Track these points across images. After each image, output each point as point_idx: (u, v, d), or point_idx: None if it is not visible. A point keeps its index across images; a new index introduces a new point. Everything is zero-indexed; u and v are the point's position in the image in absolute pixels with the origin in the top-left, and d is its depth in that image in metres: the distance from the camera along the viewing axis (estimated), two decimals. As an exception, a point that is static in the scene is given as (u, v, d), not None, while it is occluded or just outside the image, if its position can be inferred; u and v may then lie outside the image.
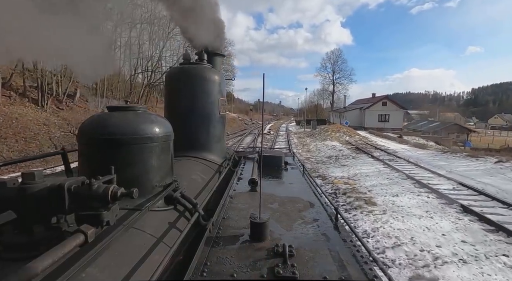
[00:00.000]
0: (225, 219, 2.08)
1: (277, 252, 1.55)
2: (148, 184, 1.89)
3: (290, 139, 26.38)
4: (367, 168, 12.14)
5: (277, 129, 42.76)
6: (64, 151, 2.21)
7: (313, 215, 2.21)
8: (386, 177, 10.40)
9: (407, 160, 13.92)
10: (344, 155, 15.69)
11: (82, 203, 1.21)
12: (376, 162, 13.42)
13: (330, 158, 15.15)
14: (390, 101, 44.67)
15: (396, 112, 43.45)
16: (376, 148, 18.58)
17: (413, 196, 8.02)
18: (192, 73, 3.59)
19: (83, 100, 21.38)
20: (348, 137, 24.88)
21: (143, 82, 28.41)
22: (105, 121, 1.80)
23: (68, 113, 17.84)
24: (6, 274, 0.84)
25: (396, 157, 14.83)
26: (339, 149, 18.08)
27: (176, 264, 1.62)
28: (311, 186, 3.12)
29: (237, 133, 30.40)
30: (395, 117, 43.00)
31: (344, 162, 13.71)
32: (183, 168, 2.91)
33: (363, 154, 15.94)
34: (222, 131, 4.01)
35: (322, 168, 12.83)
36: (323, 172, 11.82)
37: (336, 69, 69.83)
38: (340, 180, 10.17)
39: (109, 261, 1.25)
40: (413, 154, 16.47)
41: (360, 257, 1.58)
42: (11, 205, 1.11)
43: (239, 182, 3.19)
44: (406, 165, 12.70)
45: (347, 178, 10.50)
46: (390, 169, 11.67)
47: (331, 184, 9.76)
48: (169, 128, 2.12)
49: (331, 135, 25.61)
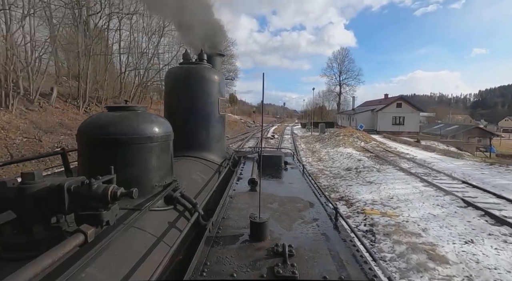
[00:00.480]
0: (225, 219, 2.08)
1: (276, 252, 1.55)
2: (147, 184, 1.90)
3: (297, 144, 24.17)
4: (402, 187, 9.42)
5: (281, 132, 39.58)
6: (64, 151, 2.24)
7: (313, 214, 2.21)
8: (435, 202, 7.74)
9: (449, 175, 11.27)
10: (366, 166, 13.03)
11: (81, 203, 1.22)
12: (410, 178, 10.72)
13: (350, 171, 12.41)
14: (405, 102, 40.87)
15: (412, 114, 39.73)
16: (400, 157, 16.15)
17: (496, 242, 5.33)
18: (191, 73, 3.61)
19: (62, 100, 18.25)
20: (363, 143, 22.30)
21: (134, 81, 25.47)
22: (104, 121, 1.82)
23: (40, 115, 15.10)
24: (6, 274, 0.84)
25: (432, 170, 12.32)
26: (358, 158, 15.30)
27: (176, 264, 1.61)
28: (311, 186, 3.12)
29: (238, 137, 27.93)
30: (410, 120, 39.39)
31: (369, 177, 10.95)
32: (183, 168, 2.91)
33: (388, 166, 13.31)
34: (222, 131, 4.03)
35: (342, 185, 10.07)
36: (345, 192, 9.07)
37: (343, 70, 66.97)
38: (373, 209, 7.43)
39: (109, 261, 1.25)
40: (451, 165, 13.63)
41: (360, 256, 1.58)
42: (10, 205, 1.11)
43: (239, 182, 3.19)
44: (452, 183, 9.93)
45: (380, 203, 7.82)
46: (435, 189, 8.99)
47: (362, 214, 7.02)
48: (169, 128, 2.13)
49: (343, 140, 22.82)
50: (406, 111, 39.73)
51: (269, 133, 37.43)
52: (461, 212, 6.98)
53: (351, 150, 18.60)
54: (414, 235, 5.70)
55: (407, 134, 34.45)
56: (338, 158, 16.25)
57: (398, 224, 6.24)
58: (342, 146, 20.49)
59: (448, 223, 6.31)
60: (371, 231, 5.99)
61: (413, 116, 39.97)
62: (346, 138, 23.74)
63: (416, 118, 40.66)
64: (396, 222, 6.39)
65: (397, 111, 39.81)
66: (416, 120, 40.53)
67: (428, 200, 7.99)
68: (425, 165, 13.59)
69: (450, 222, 6.32)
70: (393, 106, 40.09)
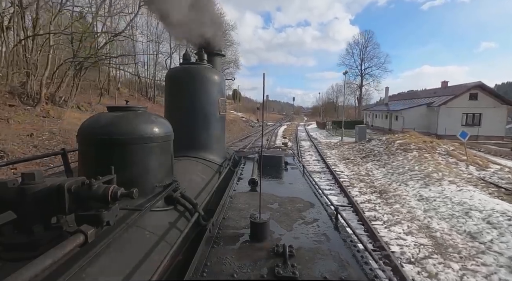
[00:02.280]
0: (225, 219, 2.08)
1: (277, 252, 1.55)
2: (148, 184, 1.90)
3: (328, 161, 13.86)
4: None
5: (293, 135, 29.24)
6: (64, 151, 2.24)
7: (313, 215, 2.21)
8: None
9: None
10: None
11: (82, 203, 1.22)
12: None
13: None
14: (484, 92, 26.68)
15: (494, 110, 26.19)
16: None
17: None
18: (192, 73, 3.61)
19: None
20: (475, 169, 10.93)
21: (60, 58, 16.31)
22: (105, 121, 1.82)
23: None
24: (6, 274, 0.84)
25: None
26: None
27: (176, 264, 1.62)
28: (311, 186, 3.11)
29: (234, 144, 19.96)
30: (491, 118, 26.15)
31: None
32: (183, 168, 2.92)
33: None
34: (222, 131, 4.03)
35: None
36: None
37: (365, 57, 54.09)
38: None
39: (109, 261, 1.25)
40: None
41: (361, 257, 1.58)
42: (11, 205, 1.12)
43: (239, 182, 3.19)
44: None
45: None
46: None
47: None
48: (169, 128, 2.13)
49: (424, 160, 11.44)
50: (485, 105, 26.34)
51: (278, 137, 26.85)
52: None
53: (478, 193, 7.89)
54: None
55: (486, 138, 24.42)
56: (470, 226, 6.02)
57: None
58: (437, 176, 9.46)
59: None
60: None
61: (495, 112, 26.28)
62: (428, 155, 12.15)
63: (501, 115, 26.86)
64: None
65: (470, 105, 26.70)
66: (501, 118, 26.86)
67: None
68: None
69: None
70: (464, 98, 26.83)
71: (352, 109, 64.03)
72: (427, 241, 5.48)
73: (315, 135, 30.71)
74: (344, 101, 37.28)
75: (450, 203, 7.38)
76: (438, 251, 5.10)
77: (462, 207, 7.01)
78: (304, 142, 23.86)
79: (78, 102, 19.08)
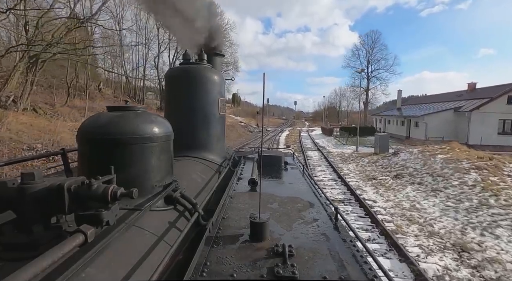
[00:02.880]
0: (225, 219, 2.08)
1: (277, 252, 1.55)
2: (147, 184, 1.90)
3: (358, 192, 9.07)
4: None
5: (297, 143, 26.24)
6: (64, 151, 2.25)
7: (313, 215, 2.21)
8: None
9: None
10: None
11: (81, 203, 1.22)
12: None
13: None
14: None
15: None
16: None
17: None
18: (192, 73, 3.62)
19: None
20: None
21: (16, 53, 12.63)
22: (104, 121, 1.82)
23: None
24: (6, 274, 0.84)
25: None
26: None
27: (176, 264, 1.62)
28: (311, 186, 3.12)
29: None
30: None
31: None
32: (183, 168, 2.92)
33: None
34: (222, 131, 4.04)
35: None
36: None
37: (371, 59, 51.14)
38: None
39: (109, 261, 1.25)
40: None
41: (360, 257, 1.58)
42: (10, 205, 1.12)
43: (239, 182, 3.20)
44: None
45: None
46: None
47: None
48: (169, 128, 2.13)
49: (495, 187, 8.05)
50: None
51: (280, 145, 23.62)
52: None
53: None
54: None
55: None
56: None
57: None
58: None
59: None
60: None
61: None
62: (496, 179, 8.73)
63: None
64: None
65: (509, 110, 22.17)
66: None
67: None
68: None
69: None
70: (501, 102, 22.45)
71: (356, 114, 62.11)
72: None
73: (322, 143, 26.94)
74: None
75: None
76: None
77: None
78: (311, 152, 20.20)
79: (35, 103, 15.42)
